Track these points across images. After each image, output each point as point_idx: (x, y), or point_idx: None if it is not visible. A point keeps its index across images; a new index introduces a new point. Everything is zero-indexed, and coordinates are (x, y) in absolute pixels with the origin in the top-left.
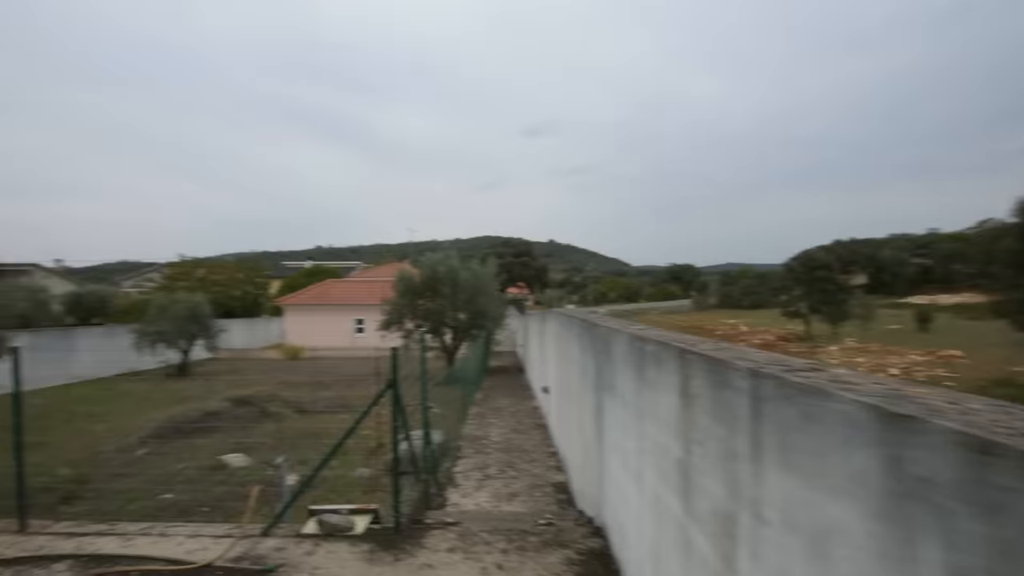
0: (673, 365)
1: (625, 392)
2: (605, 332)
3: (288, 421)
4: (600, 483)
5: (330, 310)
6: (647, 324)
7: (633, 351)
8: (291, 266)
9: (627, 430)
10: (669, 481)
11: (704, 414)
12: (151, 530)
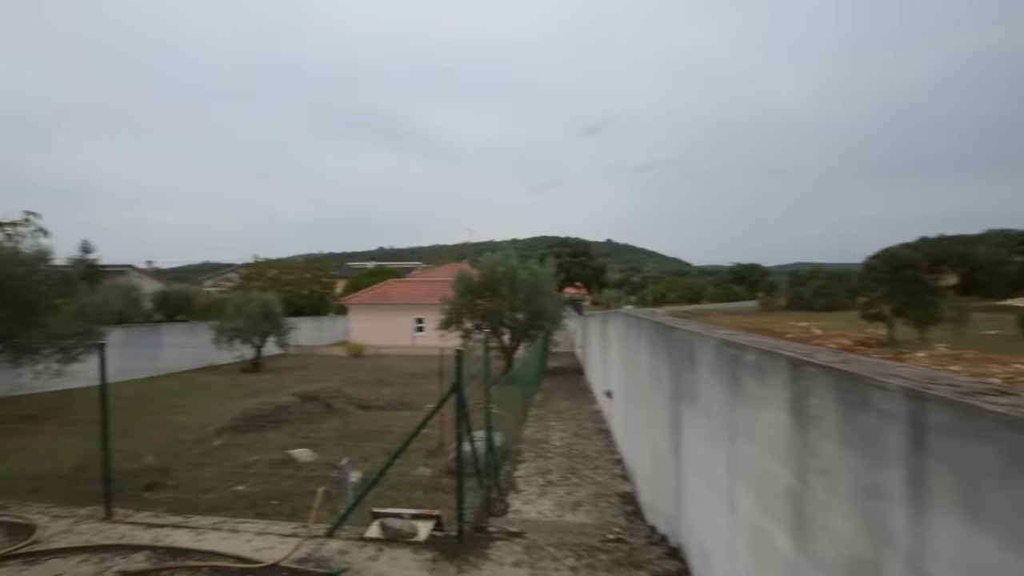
0: (781, 378)
1: (711, 404)
2: (686, 336)
3: (351, 417)
4: (676, 499)
5: (391, 309)
6: (708, 325)
7: (723, 359)
8: (355, 266)
9: (713, 446)
10: (774, 512)
11: (829, 439)
12: (222, 525)
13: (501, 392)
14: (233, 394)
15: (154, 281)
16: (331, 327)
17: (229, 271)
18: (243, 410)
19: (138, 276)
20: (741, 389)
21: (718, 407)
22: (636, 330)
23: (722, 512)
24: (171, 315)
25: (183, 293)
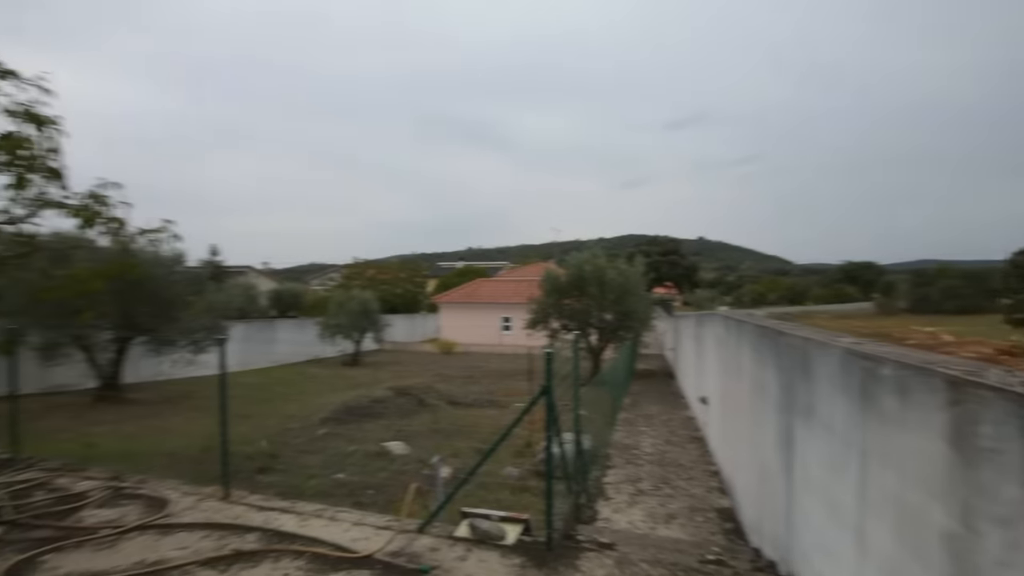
0: (935, 399)
1: (832, 421)
2: (798, 343)
3: (442, 413)
4: (786, 522)
5: (479, 308)
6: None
7: (850, 371)
8: (445, 266)
9: (836, 468)
10: (923, 555)
11: (1010, 481)
12: (323, 512)
13: (589, 394)
14: (335, 386)
15: (269, 281)
16: (423, 324)
17: (332, 271)
18: (343, 402)
19: (256, 276)
20: (875, 407)
21: (842, 425)
22: (736, 333)
23: (847, 543)
24: (283, 312)
25: (293, 292)
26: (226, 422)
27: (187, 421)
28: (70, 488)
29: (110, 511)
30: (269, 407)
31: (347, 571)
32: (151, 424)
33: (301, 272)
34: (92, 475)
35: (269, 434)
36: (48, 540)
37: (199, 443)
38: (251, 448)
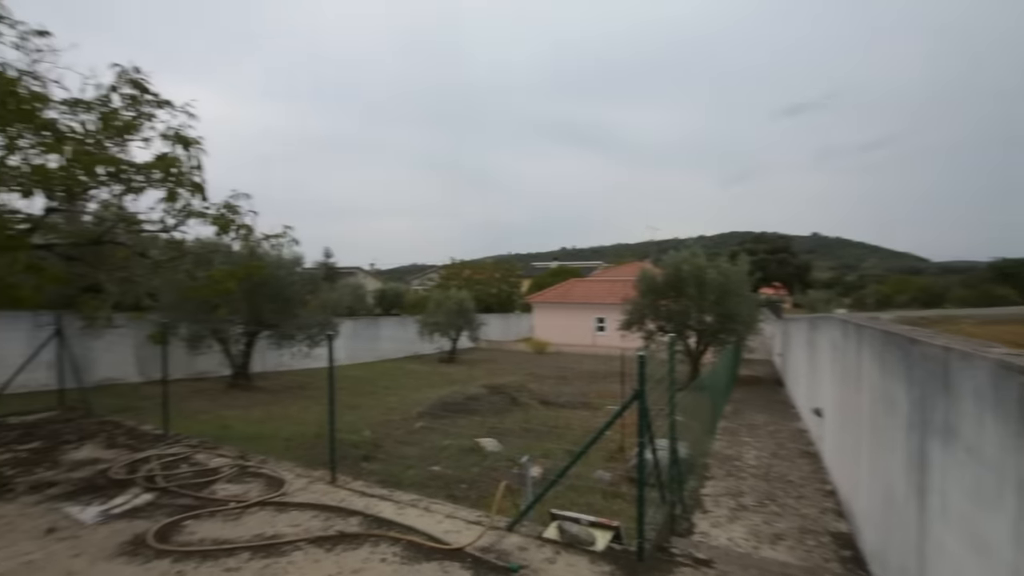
0: None
1: (982, 445)
2: (936, 353)
3: (533, 412)
4: (919, 556)
5: (572, 308)
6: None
7: (1006, 388)
8: (539, 266)
9: (987, 502)
10: None
11: None
12: (419, 503)
13: (686, 400)
14: (433, 382)
15: (375, 280)
16: (517, 324)
17: (431, 271)
18: (440, 397)
19: (363, 276)
20: None
21: (994, 451)
22: (856, 339)
23: None
24: (387, 310)
25: (396, 291)
26: (334, 413)
27: (303, 409)
28: (206, 463)
29: (237, 486)
30: (373, 399)
31: (439, 561)
32: (273, 410)
33: (403, 272)
34: (223, 453)
35: (372, 424)
36: (188, 508)
37: (313, 430)
38: (356, 437)
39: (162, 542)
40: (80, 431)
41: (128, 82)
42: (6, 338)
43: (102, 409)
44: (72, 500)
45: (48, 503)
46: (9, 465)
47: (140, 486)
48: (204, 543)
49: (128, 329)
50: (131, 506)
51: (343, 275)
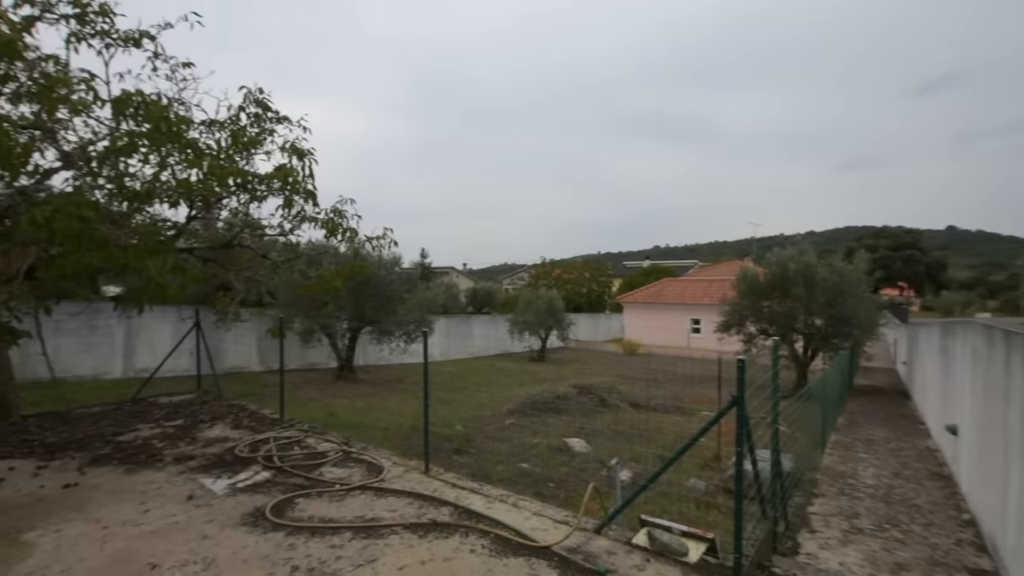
0: None
1: None
2: None
3: (623, 414)
4: None
5: (665, 309)
6: None
7: None
8: (630, 266)
9: None
10: None
11: None
12: (507, 498)
13: (792, 409)
14: (522, 380)
15: (467, 280)
16: (607, 324)
17: (522, 271)
18: (529, 395)
19: (456, 276)
20: None
21: None
22: (1004, 348)
23: None
24: (478, 308)
25: (487, 290)
26: (428, 407)
27: (400, 402)
28: (315, 447)
29: (341, 470)
30: (465, 395)
31: (526, 558)
32: (374, 401)
33: (494, 272)
34: (330, 439)
35: (464, 419)
36: (299, 487)
37: (408, 421)
38: (449, 430)
39: (277, 516)
40: (212, 412)
41: (254, 102)
42: (158, 329)
43: (230, 394)
44: (206, 473)
45: (188, 473)
46: (158, 439)
47: (260, 464)
48: (312, 520)
49: (252, 323)
50: (252, 482)
51: (437, 275)
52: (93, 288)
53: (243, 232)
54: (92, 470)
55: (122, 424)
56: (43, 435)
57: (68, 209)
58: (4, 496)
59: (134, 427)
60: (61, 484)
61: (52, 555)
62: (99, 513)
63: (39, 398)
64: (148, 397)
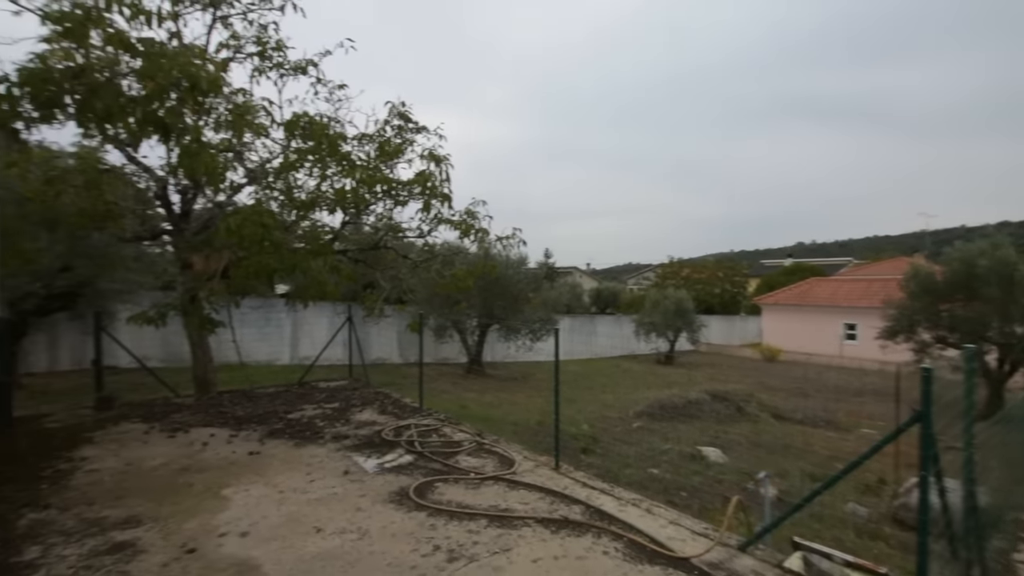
0: None
1: None
2: None
3: (764, 425)
4: None
5: (813, 311)
6: None
7: None
8: (769, 264)
9: None
10: None
11: None
12: (640, 503)
13: (988, 434)
14: (649, 382)
15: (591, 280)
16: (742, 327)
17: (647, 271)
18: (657, 398)
19: (580, 276)
20: None
21: None
22: None
23: None
24: (602, 308)
25: (611, 290)
26: (559, 404)
27: (527, 398)
28: (451, 436)
29: (475, 460)
30: (590, 394)
31: (663, 567)
32: (502, 396)
33: (618, 272)
34: (464, 429)
35: (590, 419)
36: (438, 472)
37: (535, 418)
38: (575, 429)
39: (420, 497)
40: (362, 399)
41: (397, 115)
42: (317, 323)
43: (376, 382)
44: (358, 451)
45: (344, 451)
46: (319, 418)
47: (403, 448)
48: (450, 504)
49: (393, 319)
50: (397, 463)
51: (561, 275)
52: (270, 286)
53: (387, 235)
54: (269, 441)
55: (291, 404)
56: (233, 409)
57: (253, 218)
58: (208, 457)
59: (300, 407)
60: (247, 451)
61: (243, 510)
62: (276, 479)
63: (229, 378)
64: (310, 382)
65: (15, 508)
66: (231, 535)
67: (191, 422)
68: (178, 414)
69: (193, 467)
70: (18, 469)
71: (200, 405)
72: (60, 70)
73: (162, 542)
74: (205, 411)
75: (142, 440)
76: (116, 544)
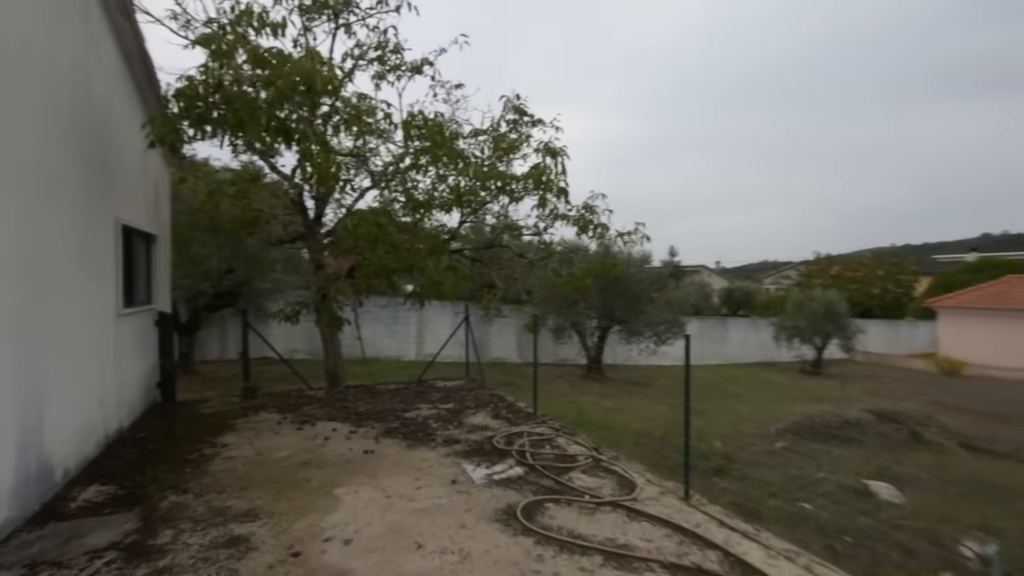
0: None
1: None
2: None
3: (951, 457)
4: None
5: (1012, 317)
6: None
7: None
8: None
9: None
10: None
11: None
12: (796, 557)
13: None
14: (792, 395)
15: (720, 279)
16: (909, 334)
17: (787, 269)
18: (805, 414)
19: (708, 275)
20: None
21: None
22: None
23: None
24: (734, 310)
25: (745, 290)
26: (689, 421)
27: (650, 404)
28: (565, 449)
29: (590, 479)
30: (721, 405)
31: None
32: (622, 402)
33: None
34: (580, 441)
35: (722, 435)
36: (549, 490)
37: (659, 429)
38: (705, 446)
39: (527, 519)
40: (476, 400)
41: (512, 108)
42: (439, 321)
43: (492, 382)
44: (467, 458)
45: (453, 457)
46: (433, 419)
47: (513, 458)
48: (561, 532)
49: (512, 318)
50: (506, 476)
51: (687, 273)
52: (390, 285)
53: (503, 233)
54: (384, 440)
55: (408, 402)
56: (356, 404)
57: (368, 217)
58: (327, 452)
59: (417, 406)
60: (362, 449)
61: (350, 513)
62: (385, 482)
63: (361, 372)
64: (429, 380)
65: (161, 489)
66: (335, 541)
67: (318, 415)
68: (308, 406)
69: (313, 462)
70: (172, 451)
71: (328, 399)
72: (203, 85)
73: (272, 541)
74: (331, 405)
75: (274, 430)
76: (233, 538)
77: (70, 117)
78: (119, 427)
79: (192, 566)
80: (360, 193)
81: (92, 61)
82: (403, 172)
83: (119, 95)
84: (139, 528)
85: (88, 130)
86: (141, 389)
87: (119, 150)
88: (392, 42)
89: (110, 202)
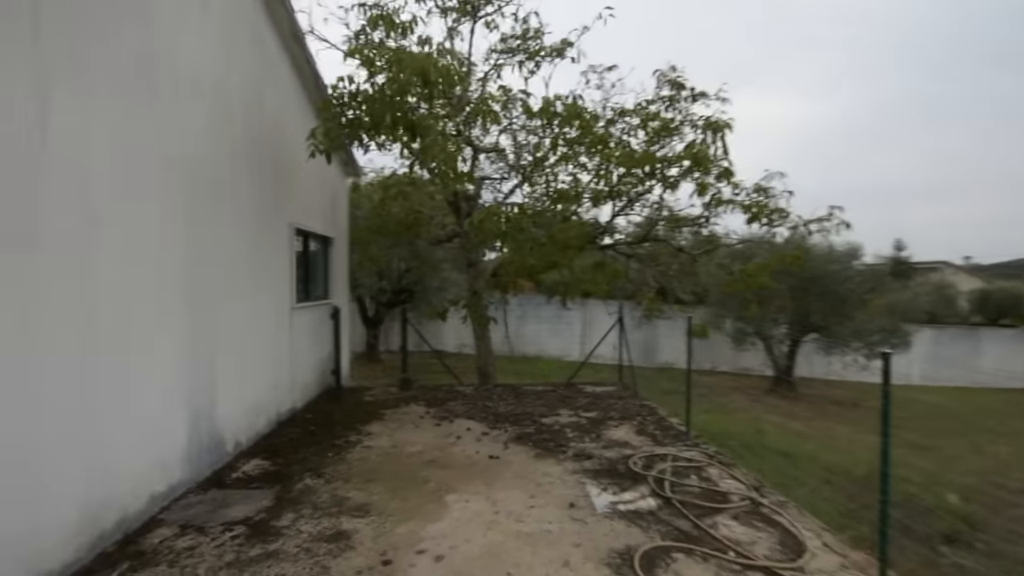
0: None
1: None
2: None
3: None
4: None
5: None
6: None
7: None
8: None
9: None
10: None
11: None
12: None
13: None
14: None
15: (971, 279)
16: None
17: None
18: None
19: (952, 273)
20: None
21: None
22: None
23: None
24: (993, 319)
25: (1009, 293)
26: (888, 474)
27: (853, 431)
28: (716, 483)
29: (742, 528)
30: (963, 442)
31: None
32: (816, 426)
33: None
34: (738, 476)
35: (963, 485)
36: (682, 534)
37: (862, 466)
38: (931, 497)
39: (646, 570)
40: (623, 411)
41: (667, 83)
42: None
43: (650, 389)
44: (594, 479)
45: (580, 475)
46: (571, 428)
47: (648, 487)
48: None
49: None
50: (634, 507)
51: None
52: (535, 283)
53: (659, 225)
54: (513, 446)
55: (550, 407)
56: (497, 404)
57: (493, 209)
58: (455, 453)
59: (557, 411)
60: (488, 454)
61: (453, 526)
62: (499, 494)
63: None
64: (579, 383)
65: (302, 471)
66: (427, 555)
67: (458, 412)
68: (453, 402)
69: (438, 461)
70: (326, 434)
71: (473, 396)
72: (348, 93)
73: (371, 543)
74: (474, 403)
75: (415, 424)
76: (338, 532)
77: (243, 134)
78: (292, 407)
79: (294, 556)
80: (511, 189)
81: (267, 83)
82: (542, 162)
83: (292, 111)
84: (270, 507)
85: (260, 144)
86: (317, 374)
87: (294, 161)
88: (532, 28)
89: (283, 207)
